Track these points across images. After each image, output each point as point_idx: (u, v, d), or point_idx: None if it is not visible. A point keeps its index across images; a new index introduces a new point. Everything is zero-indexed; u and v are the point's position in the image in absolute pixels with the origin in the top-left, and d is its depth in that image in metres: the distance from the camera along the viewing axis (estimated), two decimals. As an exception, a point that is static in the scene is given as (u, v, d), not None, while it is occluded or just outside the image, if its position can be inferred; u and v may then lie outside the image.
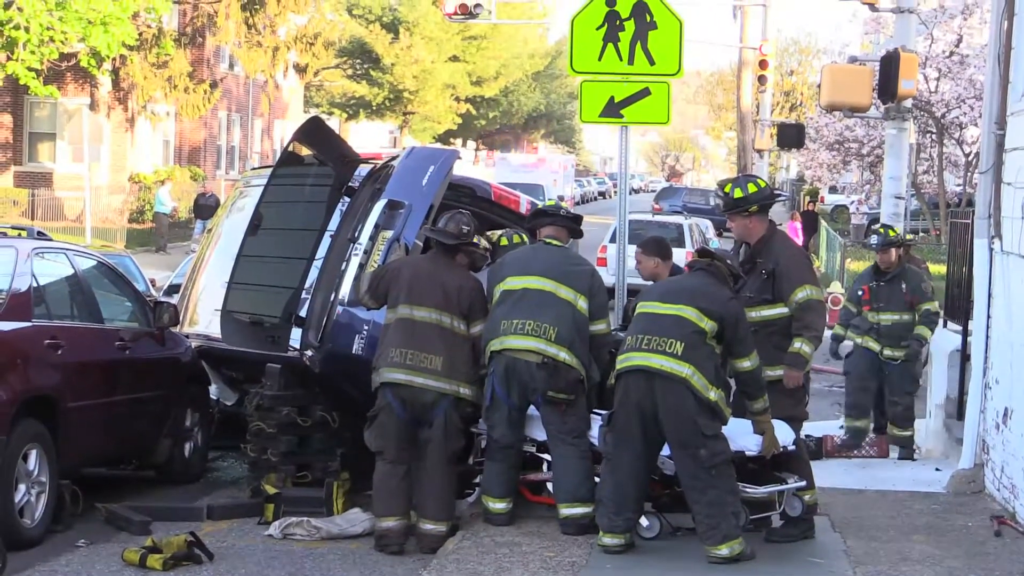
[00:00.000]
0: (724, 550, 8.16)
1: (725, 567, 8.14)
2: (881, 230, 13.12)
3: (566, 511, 8.90)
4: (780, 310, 8.92)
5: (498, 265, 9.47)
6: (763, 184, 9.25)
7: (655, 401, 8.20)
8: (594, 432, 8.89)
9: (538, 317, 8.88)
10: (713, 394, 8.18)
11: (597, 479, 8.77)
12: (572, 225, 9.57)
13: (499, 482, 9.12)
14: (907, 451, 12.74)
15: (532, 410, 9.10)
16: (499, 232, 10.83)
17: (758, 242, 9.03)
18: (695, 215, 34.56)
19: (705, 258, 8.70)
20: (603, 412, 8.73)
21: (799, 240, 37.17)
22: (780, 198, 10.26)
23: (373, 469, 9.13)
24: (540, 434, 9.20)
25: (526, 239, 10.22)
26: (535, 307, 8.93)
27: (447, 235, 9.19)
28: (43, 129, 40.55)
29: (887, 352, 12.71)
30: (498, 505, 9.10)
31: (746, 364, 8.43)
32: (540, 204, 10.92)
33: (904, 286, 12.69)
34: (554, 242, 9.35)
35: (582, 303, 9.02)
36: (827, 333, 11.29)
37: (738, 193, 9.03)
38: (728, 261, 8.68)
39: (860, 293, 12.96)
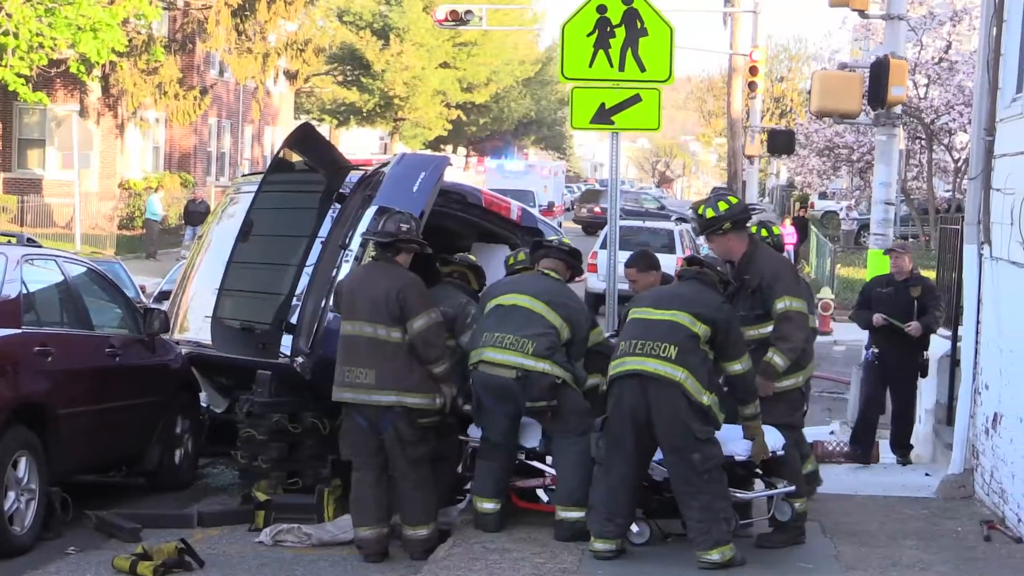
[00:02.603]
0: (715, 555, 8.17)
1: (715, 572, 8.15)
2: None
3: (562, 514, 8.89)
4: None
5: (495, 284, 9.51)
6: (735, 201, 9.18)
7: (649, 405, 8.21)
8: None
9: (519, 332, 8.88)
10: (706, 398, 8.20)
11: None
12: (569, 259, 9.54)
13: (490, 481, 9.13)
14: None
15: (526, 418, 9.11)
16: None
17: (741, 259, 9.01)
18: (626, 218, 34.27)
19: (694, 266, 8.72)
20: (596, 418, 8.73)
21: (794, 242, 37.18)
22: (755, 211, 9.79)
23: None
24: (531, 441, 9.21)
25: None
26: (519, 322, 8.93)
27: (383, 235, 9.06)
28: (32, 136, 40.47)
29: None
30: (487, 505, 9.10)
31: (738, 367, 8.44)
32: (532, 210, 10.90)
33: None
34: (552, 274, 9.34)
35: (566, 334, 9.00)
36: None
37: (710, 213, 9.00)
38: (718, 268, 8.69)
39: None
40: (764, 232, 10.03)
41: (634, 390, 8.25)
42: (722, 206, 8.99)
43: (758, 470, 8.85)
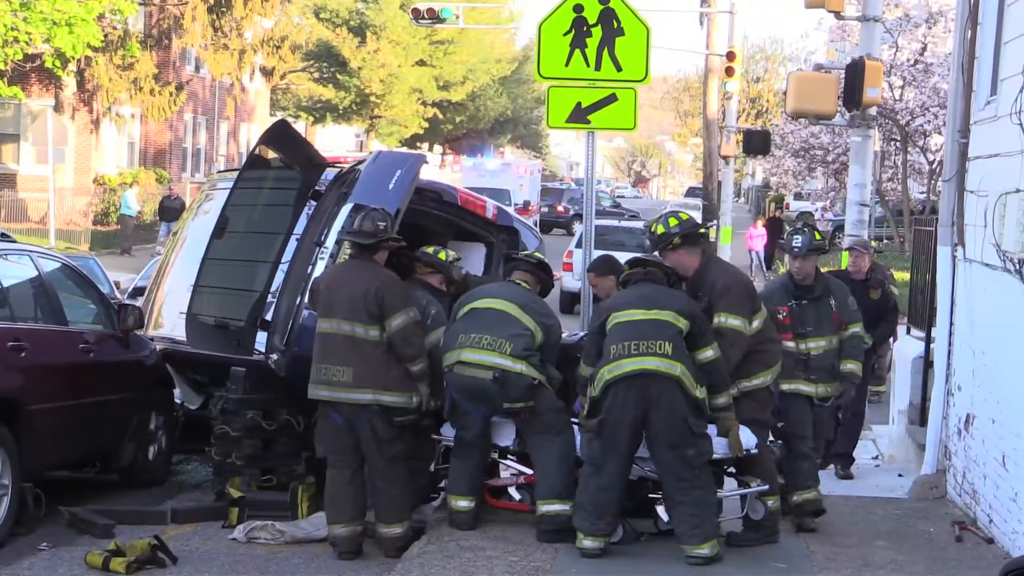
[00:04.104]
0: (706, 549, 8.24)
1: (687, 569, 8.17)
2: (804, 228, 10.02)
3: (544, 508, 8.89)
4: None
5: (470, 293, 9.51)
6: (685, 217, 9.25)
7: (647, 404, 8.26)
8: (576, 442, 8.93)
9: (496, 333, 8.91)
10: (699, 392, 8.32)
11: None
12: (539, 272, 9.57)
13: (464, 479, 9.15)
14: (807, 519, 9.50)
15: (500, 417, 9.11)
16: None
17: (694, 275, 9.05)
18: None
19: (638, 268, 8.78)
20: (589, 421, 8.66)
21: (763, 243, 37.25)
22: (707, 227, 9.64)
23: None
24: (503, 440, 9.23)
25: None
26: (494, 323, 8.97)
27: (363, 235, 9.04)
28: (7, 130, 40.18)
29: (821, 390, 9.65)
30: (461, 503, 9.12)
31: (709, 353, 8.51)
32: (507, 208, 10.89)
33: (833, 304, 9.81)
34: (523, 284, 9.40)
35: (540, 337, 9.04)
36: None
37: (660, 229, 9.12)
38: (662, 264, 8.80)
39: (779, 315, 9.57)
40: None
41: (632, 391, 8.30)
42: (672, 222, 9.09)
43: (731, 469, 8.89)
